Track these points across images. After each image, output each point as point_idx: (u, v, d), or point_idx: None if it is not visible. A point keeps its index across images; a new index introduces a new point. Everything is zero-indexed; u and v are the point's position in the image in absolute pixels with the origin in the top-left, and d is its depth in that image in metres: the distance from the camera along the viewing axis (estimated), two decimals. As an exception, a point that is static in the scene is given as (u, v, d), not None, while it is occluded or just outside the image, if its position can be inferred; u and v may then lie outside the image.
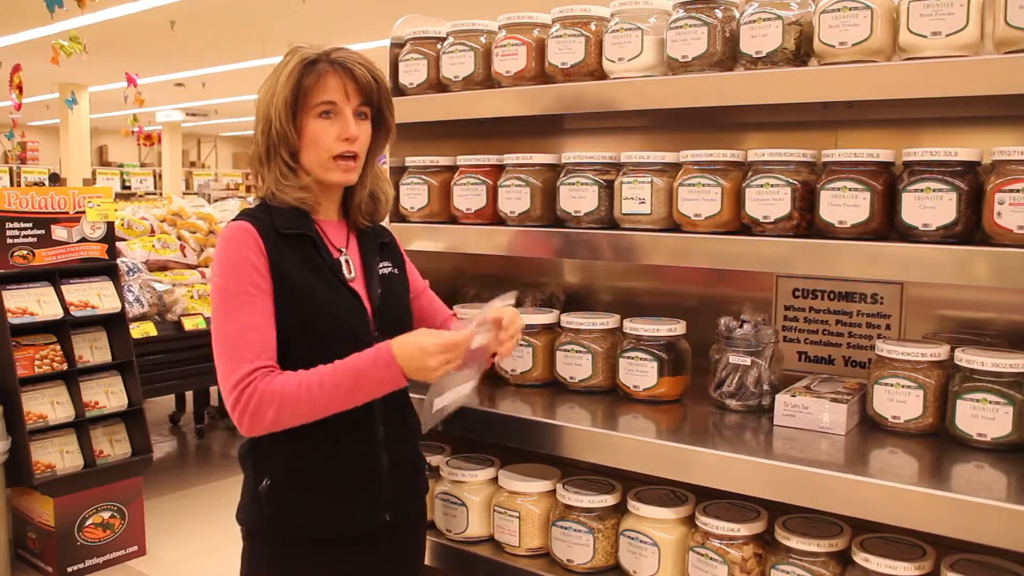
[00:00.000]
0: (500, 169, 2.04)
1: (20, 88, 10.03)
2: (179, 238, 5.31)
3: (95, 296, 3.94)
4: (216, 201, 8.50)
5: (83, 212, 3.94)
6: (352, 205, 1.72)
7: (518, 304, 2.27)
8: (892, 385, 1.63)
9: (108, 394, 3.93)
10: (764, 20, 1.61)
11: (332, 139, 1.60)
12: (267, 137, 1.60)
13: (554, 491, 1.90)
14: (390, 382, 1.52)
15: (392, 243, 1.81)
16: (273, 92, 1.60)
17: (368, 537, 1.66)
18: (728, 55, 1.69)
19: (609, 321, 1.98)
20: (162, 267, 5.03)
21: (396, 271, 1.76)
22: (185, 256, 5.20)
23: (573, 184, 1.88)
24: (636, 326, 1.90)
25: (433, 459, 2.04)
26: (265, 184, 1.63)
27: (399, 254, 1.82)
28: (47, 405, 3.72)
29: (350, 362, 1.51)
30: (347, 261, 1.67)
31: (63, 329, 3.81)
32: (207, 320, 4.65)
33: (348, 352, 1.54)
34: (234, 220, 1.61)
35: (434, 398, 1.59)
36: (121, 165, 19.41)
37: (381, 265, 1.73)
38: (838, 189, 1.55)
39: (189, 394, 6.12)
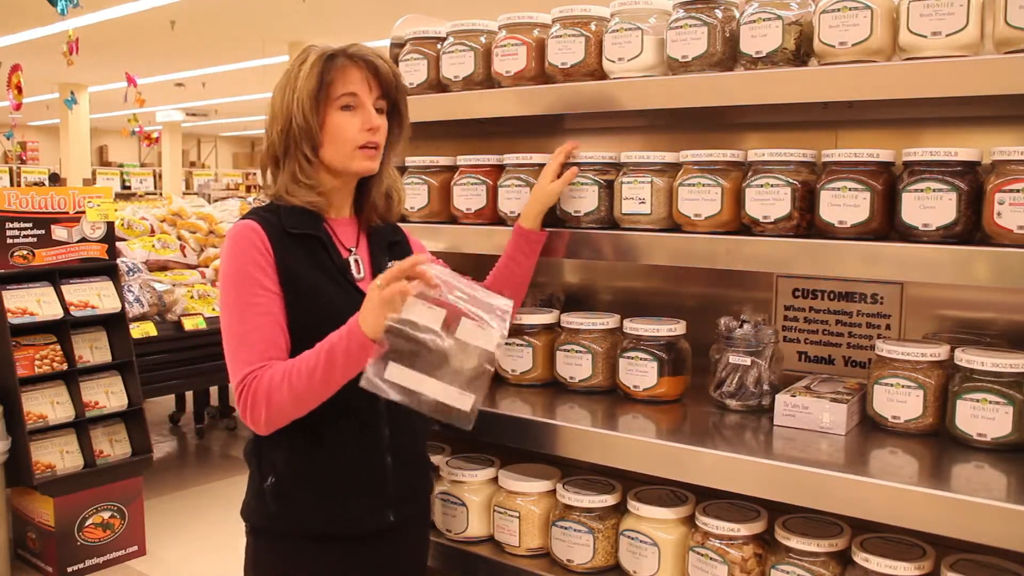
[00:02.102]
0: (500, 169, 2.04)
1: (19, 88, 10.03)
2: (179, 238, 5.31)
3: (95, 296, 3.94)
4: (216, 201, 8.50)
5: (83, 212, 3.94)
6: (367, 202, 1.72)
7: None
8: (892, 385, 1.63)
9: (108, 394, 3.93)
10: (764, 20, 1.61)
11: (355, 131, 1.60)
12: (286, 134, 1.60)
13: (554, 491, 1.90)
14: (358, 350, 1.41)
15: (403, 242, 1.81)
16: (293, 88, 1.59)
17: (372, 536, 1.66)
18: (728, 55, 1.69)
19: (609, 321, 1.98)
20: (162, 267, 5.03)
21: None
22: (185, 256, 5.20)
23: (573, 184, 1.88)
24: (636, 326, 1.90)
25: (433, 459, 2.04)
26: (277, 185, 1.63)
27: (409, 253, 1.81)
28: (47, 405, 3.72)
29: (323, 341, 1.47)
30: (356, 260, 1.67)
31: (63, 329, 3.81)
32: (207, 320, 4.66)
33: None
34: (241, 219, 1.61)
35: (391, 360, 1.37)
36: (121, 165, 19.42)
37: (390, 263, 1.72)
38: (838, 189, 1.55)
39: (189, 394, 6.13)
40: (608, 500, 1.83)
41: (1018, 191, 1.39)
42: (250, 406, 1.49)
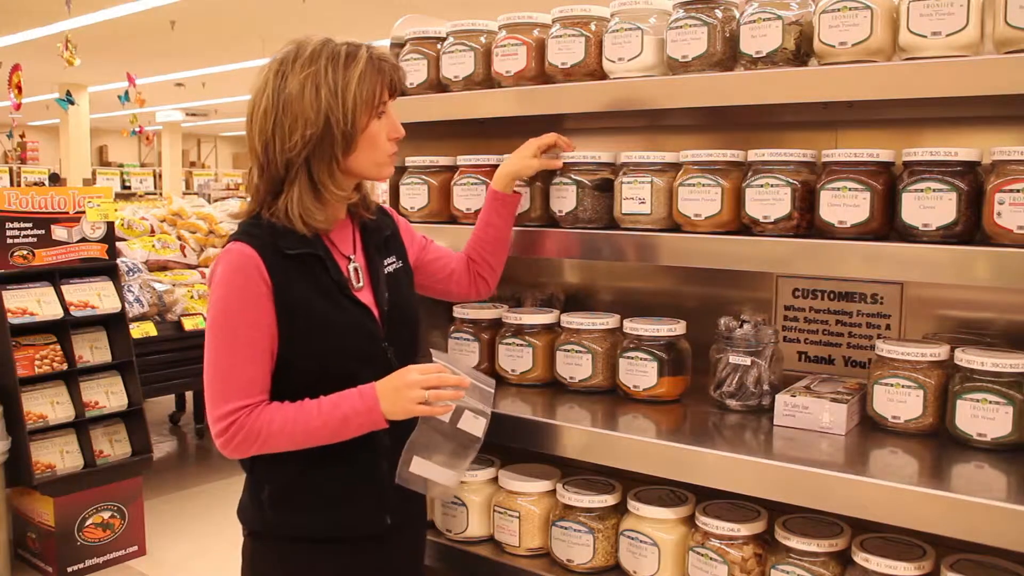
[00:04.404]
0: (500, 169, 2.04)
1: (19, 88, 10.02)
2: (179, 238, 5.31)
3: (95, 296, 3.94)
4: (216, 201, 8.48)
5: (83, 212, 3.94)
6: (360, 200, 1.71)
7: (518, 304, 2.28)
8: (892, 385, 1.63)
9: (108, 394, 3.93)
10: (764, 20, 1.61)
11: (384, 138, 1.60)
12: (319, 139, 1.51)
13: (554, 491, 1.90)
14: (370, 426, 1.54)
15: (395, 232, 1.79)
16: (332, 89, 1.50)
17: (370, 539, 1.66)
18: (728, 55, 1.69)
19: (609, 321, 1.98)
20: (162, 267, 5.03)
21: (400, 263, 1.76)
22: (185, 256, 5.20)
23: (563, 184, 1.88)
24: (636, 326, 1.90)
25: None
26: (283, 198, 1.54)
27: (400, 242, 1.80)
28: (47, 405, 3.72)
29: (337, 406, 1.52)
30: (356, 269, 1.65)
31: (63, 329, 3.81)
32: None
33: (355, 368, 1.56)
34: (234, 240, 1.54)
35: (414, 455, 1.58)
36: (121, 165, 19.39)
37: (386, 262, 1.72)
38: (838, 189, 1.55)
39: (189, 394, 6.13)
40: (608, 500, 1.83)
41: (1018, 191, 1.39)
42: (236, 442, 1.51)
